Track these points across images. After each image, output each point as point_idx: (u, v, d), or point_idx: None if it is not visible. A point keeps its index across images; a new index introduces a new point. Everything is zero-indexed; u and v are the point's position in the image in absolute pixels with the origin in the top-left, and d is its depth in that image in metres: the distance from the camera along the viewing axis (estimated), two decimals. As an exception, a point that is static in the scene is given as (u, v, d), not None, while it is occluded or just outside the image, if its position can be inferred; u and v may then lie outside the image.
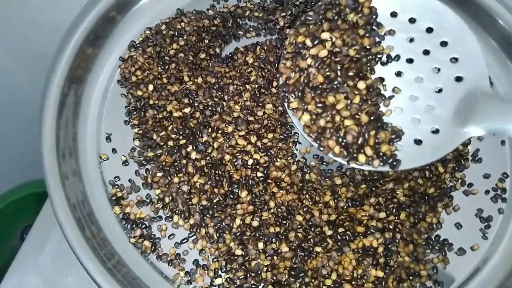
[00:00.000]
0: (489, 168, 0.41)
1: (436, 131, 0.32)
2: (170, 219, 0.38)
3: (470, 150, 0.42)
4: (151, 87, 0.42)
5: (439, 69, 0.33)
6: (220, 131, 0.40)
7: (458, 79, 0.32)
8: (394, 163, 0.32)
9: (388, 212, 0.38)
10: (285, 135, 0.41)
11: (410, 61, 0.33)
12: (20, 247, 0.44)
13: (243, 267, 0.35)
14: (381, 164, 0.32)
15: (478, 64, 0.32)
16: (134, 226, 0.37)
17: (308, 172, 0.40)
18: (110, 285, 0.32)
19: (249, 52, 0.45)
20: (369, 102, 0.32)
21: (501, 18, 0.44)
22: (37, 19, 0.65)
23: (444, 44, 0.33)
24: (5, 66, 0.72)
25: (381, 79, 0.33)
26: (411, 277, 0.36)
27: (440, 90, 0.32)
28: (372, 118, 0.32)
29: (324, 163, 0.41)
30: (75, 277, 0.42)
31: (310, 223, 0.37)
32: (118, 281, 0.33)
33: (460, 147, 0.42)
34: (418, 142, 0.32)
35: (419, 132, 0.32)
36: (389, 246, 0.36)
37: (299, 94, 0.33)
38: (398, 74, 0.34)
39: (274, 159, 0.40)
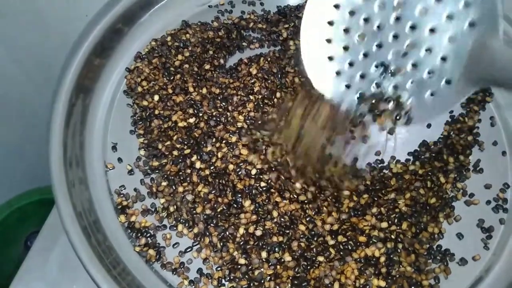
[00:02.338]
0: (490, 179, 0.42)
1: (448, 82, 0.31)
2: (175, 228, 0.38)
3: (471, 160, 0.42)
4: (156, 97, 0.43)
5: (452, 17, 0.30)
6: (224, 141, 0.41)
7: (470, 25, 0.29)
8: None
9: (390, 222, 0.38)
10: (288, 145, 0.42)
11: (424, 12, 0.31)
12: (26, 255, 0.44)
13: (246, 276, 0.36)
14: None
15: (491, 10, 0.28)
16: (139, 234, 0.38)
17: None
18: (115, 293, 0.33)
19: (252, 63, 0.46)
20: None
21: None
22: (45, 30, 0.66)
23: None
24: (12, 76, 0.73)
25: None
26: (413, 287, 0.36)
27: (453, 40, 0.30)
28: None
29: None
30: (80, 285, 0.42)
31: (313, 232, 0.37)
32: (123, 289, 0.33)
33: (461, 157, 0.42)
34: (432, 94, 0.31)
35: (434, 84, 0.31)
36: (391, 256, 0.37)
37: None
38: (413, 27, 0.31)
39: (278, 169, 0.40)
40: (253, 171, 0.39)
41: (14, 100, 0.76)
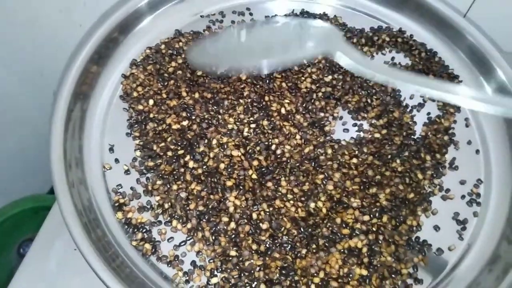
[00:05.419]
0: (465, 175, 0.44)
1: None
2: (169, 224, 0.40)
3: (447, 158, 0.45)
4: (151, 101, 0.45)
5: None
6: (215, 142, 0.43)
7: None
8: None
9: (371, 215, 0.41)
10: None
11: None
12: (19, 262, 0.45)
13: (237, 267, 0.38)
14: None
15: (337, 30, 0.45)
16: (136, 230, 0.39)
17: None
18: (115, 284, 0.34)
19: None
20: None
21: (467, 32, 0.49)
22: (38, 40, 0.68)
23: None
24: (5, 85, 0.74)
25: None
26: (393, 275, 0.39)
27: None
28: None
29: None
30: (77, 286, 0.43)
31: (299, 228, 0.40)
32: (123, 280, 0.35)
33: (438, 156, 0.45)
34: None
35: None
36: (373, 247, 0.39)
37: None
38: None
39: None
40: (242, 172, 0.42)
41: (7, 108, 0.77)
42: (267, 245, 0.39)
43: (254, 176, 0.42)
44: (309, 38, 0.40)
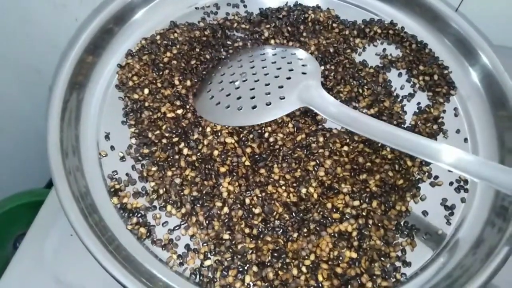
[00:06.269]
0: (453, 162, 0.45)
1: (283, 98, 0.42)
2: (164, 209, 0.41)
3: (436, 146, 0.46)
4: (146, 91, 0.46)
5: (292, 69, 0.44)
6: (209, 130, 0.44)
7: (304, 73, 0.44)
8: None
9: (361, 200, 0.42)
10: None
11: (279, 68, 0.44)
12: (13, 256, 0.45)
13: (230, 250, 0.39)
14: None
15: (316, 69, 0.44)
16: (131, 214, 0.40)
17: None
18: (112, 265, 0.35)
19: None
20: None
21: (453, 22, 0.51)
22: (33, 36, 0.68)
23: (300, 60, 0.46)
24: (3, 82, 0.74)
25: None
26: (382, 258, 0.40)
27: (289, 78, 0.43)
28: None
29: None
30: (69, 278, 0.43)
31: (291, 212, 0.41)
32: (119, 262, 0.36)
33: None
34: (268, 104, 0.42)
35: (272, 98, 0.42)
36: (362, 231, 0.40)
37: None
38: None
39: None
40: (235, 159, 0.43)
41: (3, 106, 0.77)
42: (260, 229, 0.40)
43: (247, 163, 0.43)
44: (287, 89, 0.42)
